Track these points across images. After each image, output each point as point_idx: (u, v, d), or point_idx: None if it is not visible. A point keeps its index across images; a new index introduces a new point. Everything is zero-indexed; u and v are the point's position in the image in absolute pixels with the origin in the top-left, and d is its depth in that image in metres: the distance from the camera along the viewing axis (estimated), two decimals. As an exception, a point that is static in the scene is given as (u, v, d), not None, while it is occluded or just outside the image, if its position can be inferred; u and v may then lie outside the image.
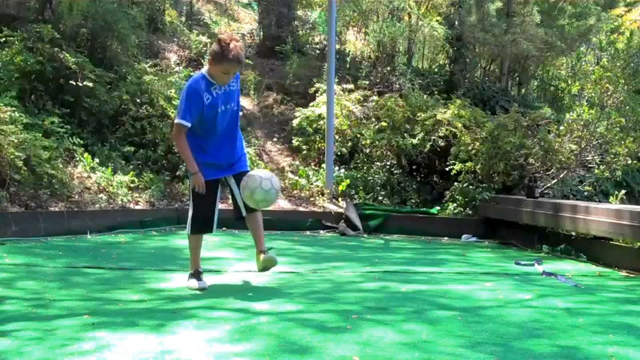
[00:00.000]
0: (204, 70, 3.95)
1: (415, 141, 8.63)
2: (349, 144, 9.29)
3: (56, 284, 3.87)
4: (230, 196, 4.27)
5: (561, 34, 11.40)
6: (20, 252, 5.13)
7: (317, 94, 9.84)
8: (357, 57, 11.54)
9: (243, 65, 3.99)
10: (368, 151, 9.23)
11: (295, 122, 9.49)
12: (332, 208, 8.22)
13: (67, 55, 7.75)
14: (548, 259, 6.01)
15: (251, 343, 2.64)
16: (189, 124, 3.83)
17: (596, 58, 7.81)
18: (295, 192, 8.47)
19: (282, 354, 2.49)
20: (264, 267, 4.11)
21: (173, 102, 8.51)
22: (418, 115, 8.87)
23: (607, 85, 7.38)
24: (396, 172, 8.85)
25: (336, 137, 9.10)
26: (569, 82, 8.84)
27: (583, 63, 7.86)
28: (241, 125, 4.40)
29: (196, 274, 4.04)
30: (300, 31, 12.21)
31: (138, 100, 8.41)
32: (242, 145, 4.22)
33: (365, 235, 7.61)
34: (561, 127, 7.93)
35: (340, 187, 8.41)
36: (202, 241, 4.18)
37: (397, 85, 10.62)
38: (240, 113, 4.28)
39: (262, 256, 4.06)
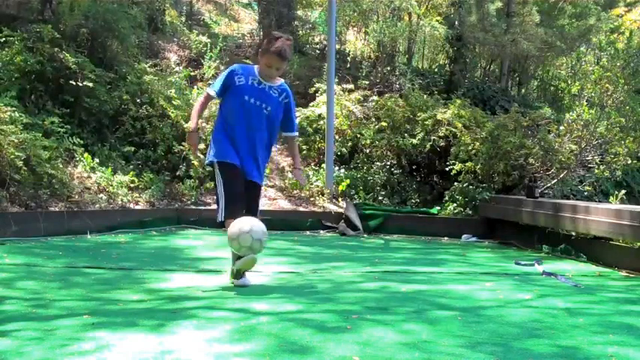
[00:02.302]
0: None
1: (415, 141, 8.62)
2: (349, 144, 9.29)
3: (56, 284, 3.87)
4: None
5: (561, 34, 11.41)
6: (20, 252, 5.13)
7: (317, 94, 9.84)
8: (357, 57, 11.54)
9: (286, 61, 4.10)
10: (368, 151, 9.22)
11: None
12: (332, 208, 8.22)
13: (67, 55, 7.75)
14: (548, 259, 6.01)
15: (251, 343, 2.64)
16: (212, 93, 4.09)
17: (596, 58, 7.80)
18: (295, 192, 8.47)
19: (282, 354, 2.49)
20: (244, 269, 3.98)
21: (173, 102, 8.52)
22: (418, 115, 8.87)
23: (607, 85, 7.38)
24: (396, 172, 8.85)
25: (336, 137, 9.10)
26: (569, 82, 8.83)
27: (583, 63, 7.85)
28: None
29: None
30: (300, 31, 12.21)
31: (138, 100, 8.41)
32: (266, 160, 4.29)
33: (365, 235, 7.61)
34: (561, 127, 7.94)
35: (340, 187, 8.41)
36: None
37: (397, 85, 10.63)
38: (295, 134, 4.36)
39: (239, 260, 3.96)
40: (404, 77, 10.64)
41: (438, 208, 8.20)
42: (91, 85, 7.76)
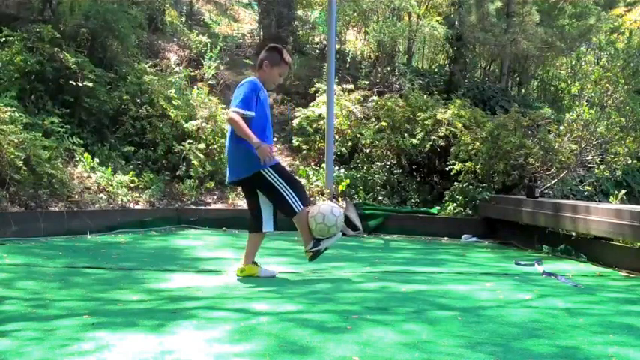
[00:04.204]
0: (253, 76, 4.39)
1: (415, 141, 8.62)
2: (349, 144, 9.29)
3: (56, 284, 3.87)
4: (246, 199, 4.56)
5: (561, 34, 11.41)
6: (20, 252, 5.13)
7: (317, 94, 9.84)
8: (357, 57, 11.55)
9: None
10: (368, 151, 9.22)
11: (295, 122, 9.49)
12: (332, 208, 8.20)
13: (67, 55, 7.75)
14: (548, 259, 6.01)
15: (251, 343, 2.64)
16: (251, 114, 4.17)
17: (596, 58, 7.80)
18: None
19: (282, 354, 2.49)
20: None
21: (173, 102, 8.52)
22: (418, 115, 8.87)
23: (607, 85, 7.38)
24: (396, 172, 8.84)
25: (336, 137, 9.10)
26: (569, 82, 8.84)
27: (583, 63, 7.84)
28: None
29: (318, 241, 4.40)
30: (300, 31, 12.22)
31: (138, 100, 8.41)
32: None
33: (365, 235, 7.60)
34: (561, 127, 7.93)
35: (340, 187, 8.41)
36: None
37: (397, 85, 10.63)
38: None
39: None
40: (404, 77, 10.64)
41: (438, 208, 8.19)
42: (91, 85, 7.76)
